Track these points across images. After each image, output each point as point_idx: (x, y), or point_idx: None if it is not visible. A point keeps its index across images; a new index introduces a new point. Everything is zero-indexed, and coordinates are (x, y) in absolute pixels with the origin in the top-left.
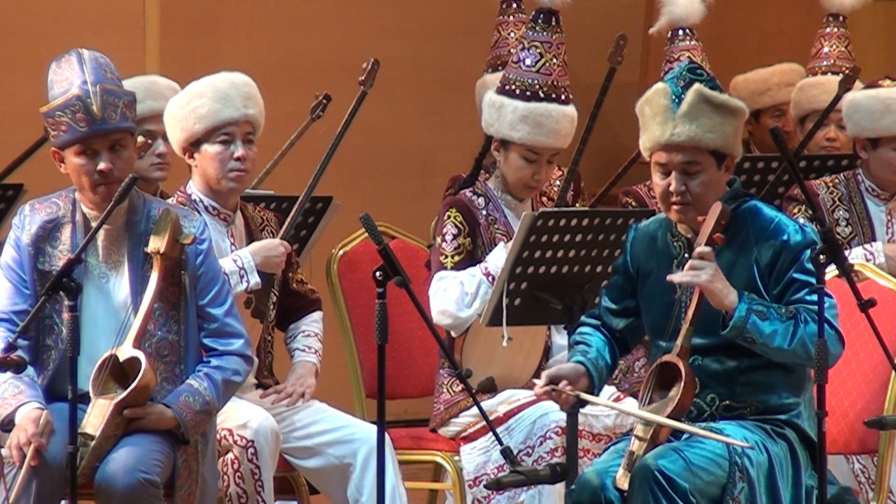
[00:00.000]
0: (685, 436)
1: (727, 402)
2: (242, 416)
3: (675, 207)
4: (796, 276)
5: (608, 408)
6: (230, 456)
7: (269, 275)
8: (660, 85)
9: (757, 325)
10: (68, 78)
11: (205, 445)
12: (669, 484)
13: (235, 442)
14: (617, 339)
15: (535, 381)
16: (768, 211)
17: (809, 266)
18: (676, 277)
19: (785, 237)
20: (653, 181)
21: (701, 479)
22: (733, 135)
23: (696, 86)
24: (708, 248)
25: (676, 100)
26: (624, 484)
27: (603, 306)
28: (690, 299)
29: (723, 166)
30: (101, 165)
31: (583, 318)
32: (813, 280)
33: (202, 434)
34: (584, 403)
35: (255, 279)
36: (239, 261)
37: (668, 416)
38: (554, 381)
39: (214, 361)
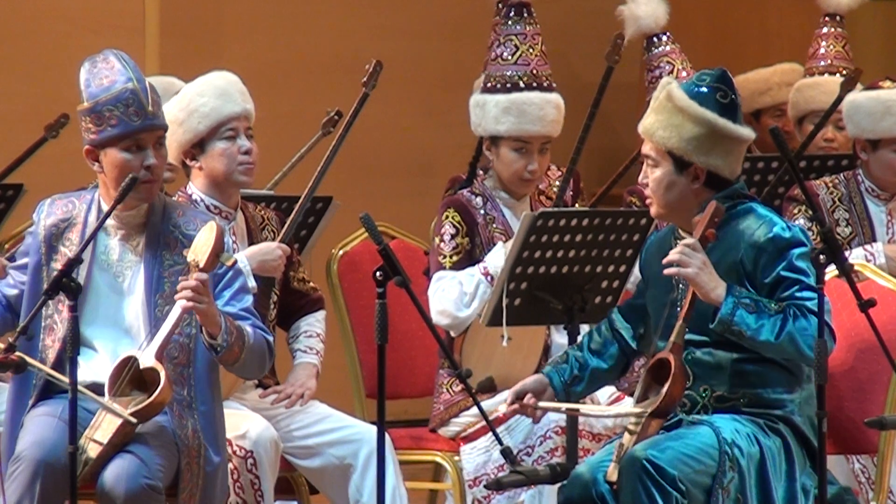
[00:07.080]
0: (675, 428)
1: (719, 392)
2: (241, 425)
3: (646, 200)
4: (785, 273)
5: (568, 412)
6: (229, 466)
7: (268, 278)
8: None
9: (744, 318)
10: (109, 75)
11: (209, 452)
12: (658, 472)
13: (234, 452)
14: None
15: (500, 407)
16: (762, 212)
17: (800, 264)
18: (669, 270)
19: (770, 235)
20: None
21: (691, 467)
22: (696, 143)
23: (672, 84)
24: (693, 240)
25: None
26: (615, 476)
27: (612, 315)
28: (685, 297)
29: (686, 173)
30: (150, 161)
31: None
32: (803, 277)
33: (206, 437)
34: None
35: (249, 284)
36: None
37: (657, 409)
38: (519, 396)
39: None
